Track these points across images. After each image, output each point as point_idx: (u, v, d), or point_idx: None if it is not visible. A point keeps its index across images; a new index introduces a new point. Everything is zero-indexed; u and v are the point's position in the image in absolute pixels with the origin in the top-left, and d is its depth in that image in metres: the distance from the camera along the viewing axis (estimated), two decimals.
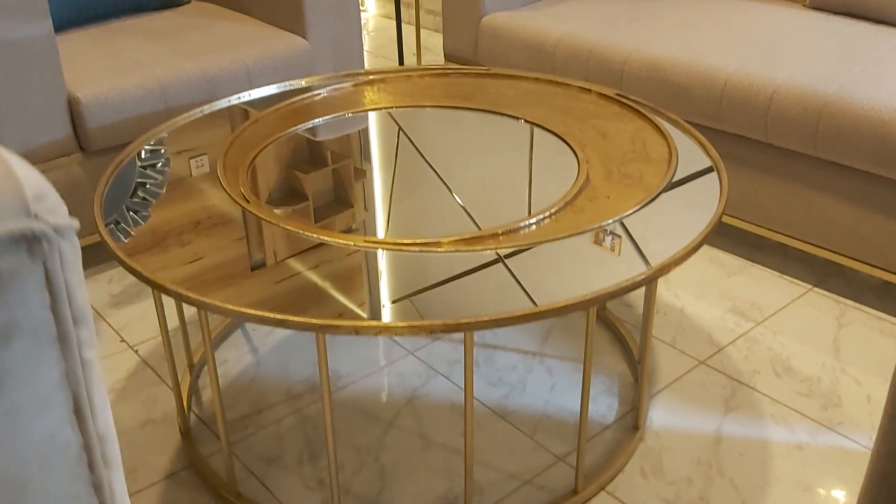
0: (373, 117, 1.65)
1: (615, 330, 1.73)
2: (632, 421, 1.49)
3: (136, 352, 1.72)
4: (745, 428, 1.48)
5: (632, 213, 1.25)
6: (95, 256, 2.04)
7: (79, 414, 0.48)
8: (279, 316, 1.01)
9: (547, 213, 1.26)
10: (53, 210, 0.45)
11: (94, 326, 1.77)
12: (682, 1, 2.20)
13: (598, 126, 1.56)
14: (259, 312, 1.02)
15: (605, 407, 1.53)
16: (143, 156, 1.49)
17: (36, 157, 1.79)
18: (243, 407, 1.56)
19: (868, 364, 1.63)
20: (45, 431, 0.47)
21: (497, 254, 1.17)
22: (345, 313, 1.05)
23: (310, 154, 1.50)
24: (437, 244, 1.19)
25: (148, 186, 1.39)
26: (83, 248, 1.98)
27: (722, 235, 2.06)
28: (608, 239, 1.20)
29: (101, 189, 1.34)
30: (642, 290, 1.85)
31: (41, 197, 0.45)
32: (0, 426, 0.45)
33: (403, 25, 3.76)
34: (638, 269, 1.12)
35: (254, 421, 1.52)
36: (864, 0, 1.97)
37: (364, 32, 3.73)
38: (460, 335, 1.72)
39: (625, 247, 1.19)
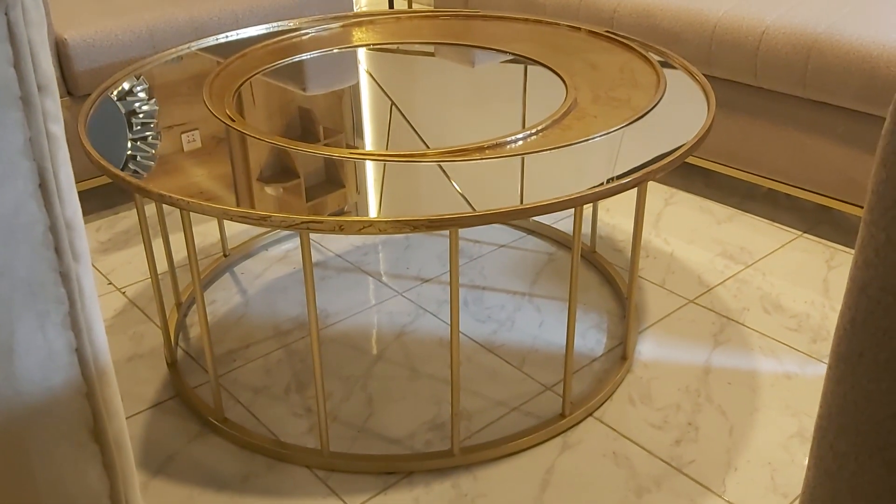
0: (361, 53, 1.64)
1: (605, 272, 1.72)
2: (620, 353, 1.49)
3: (124, 293, 1.71)
4: (734, 360, 1.48)
5: (619, 129, 1.25)
6: (84, 207, 2.03)
7: (44, 190, 0.47)
8: (262, 213, 1.00)
9: (534, 130, 1.25)
10: None
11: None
12: None
13: (587, 59, 1.55)
14: (243, 210, 1.01)
15: (593, 341, 1.53)
16: (130, 88, 1.48)
17: None
18: (231, 342, 1.55)
19: None
20: (9, 203, 0.46)
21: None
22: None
23: (296, 84, 1.49)
24: (424, 155, 1.18)
25: (135, 118, 1.37)
26: None
27: (712, 185, 2.05)
28: (607, 142, 1.19)
29: (86, 110, 1.33)
30: (630, 231, 1.84)
31: None
32: None
33: None
34: (624, 179, 1.11)
35: (241, 355, 1.51)
36: None
37: None
38: (447, 284, 1.71)
39: (612, 160, 1.18)
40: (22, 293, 0.47)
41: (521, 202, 1.06)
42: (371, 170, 1.17)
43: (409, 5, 3.10)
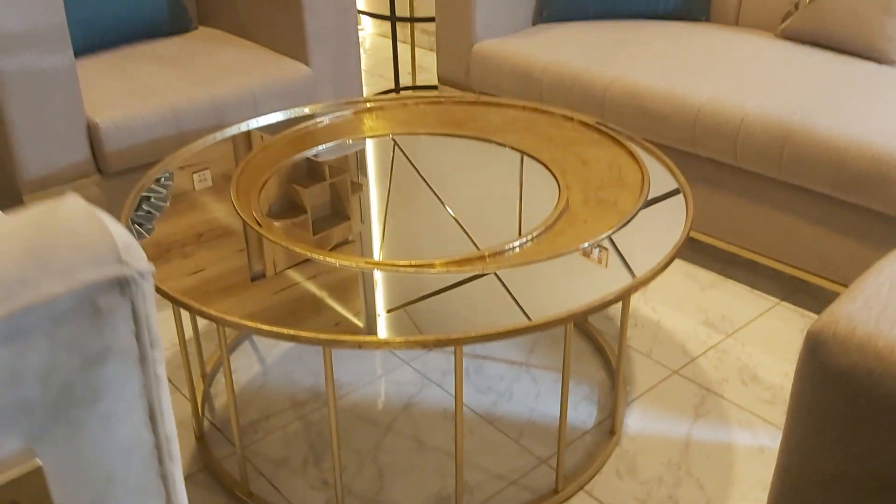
0: (371, 144, 1.78)
1: (596, 341, 1.86)
2: (609, 426, 1.63)
3: None
4: (713, 433, 1.62)
5: (605, 237, 1.39)
6: None
7: (153, 418, 0.61)
8: (291, 331, 1.14)
9: (529, 237, 1.39)
10: (137, 258, 0.59)
11: None
12: (663, 29, 2.34)
13: (578, 153, 1.69)
14: (274, 328, 1.15)
15: (585, 413, 1.67)
16: (162, 181, 1.62)
17: (56, 179, 1.91)
18: (253, 413, 1.69)
19: None
20: (128, 433, 0.60)
21: (496, 275, 1.30)
22: (348, 328, 1.19)
23: (312, 177, 1.64)
24: (431, 265, 1.32)
25: (160, 209, 1.52)
26: None
27: (697, 251, 2.20)
28: (595, 252, 1.33)
29: (126, 212, 1.47)
30: (620, 304, 1.99)
31: (128, 248, 0.58)
32: (96, 429, 0.58)
33: (399, 44, 3.89)
34: (611, 288, 1.26)
35: (262, 426, 1.65)
36: (829, 32, 2.11)
37: (361, 51, 3.87)
38: (451, 353, 1.85)
39: (599, 267, 1.32)
40: (133, 497, 0.61)
41: (521, 308, 1.20)
42: (381, 281, 1.31)
43: (413, 79, 3.25)
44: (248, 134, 1.82)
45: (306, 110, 1.92)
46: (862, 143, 1.71)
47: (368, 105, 1.95)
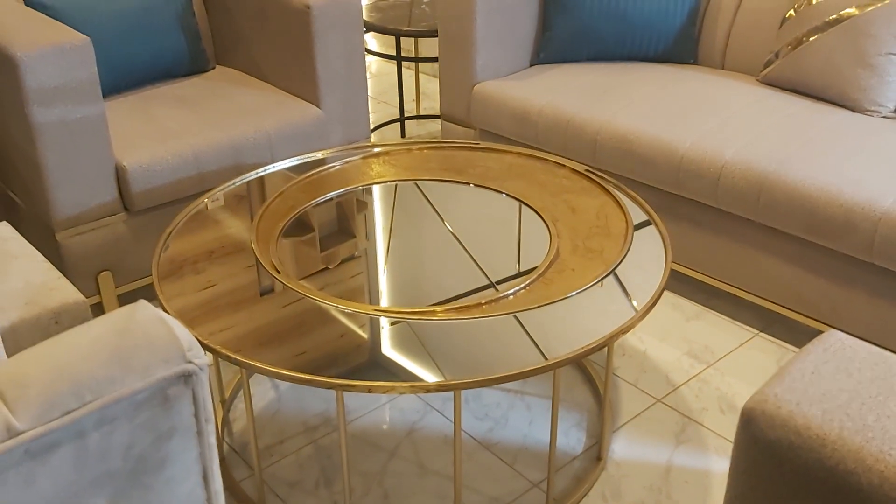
0: (377, 190, 1.93)
1: (586, 371, 2.01)
2: (596, 452, 1.77)
3: None
4: (692, 459, 1.76)
5: (590, 286, 1.54)
6: (134, 298, 2.32)
7: (206, 479, 0.77)
8: (307, 376, 1.29)
9: (522, 286, 1.54)
10: (198, 354, 0.74)
11: None
12: (651, 73, 2.49)
13: (568, 200, 1.84)
14: (290, 373, 1.30)
15: (574, 440, 1.81)
16: (187, 227, 1.77)
17: (86, 218, 2.07)
18: (268, 437, 1.84)
19: None
20: (187, 491, 0.75)
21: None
22: (359, 371, 1.34)
23: (324, 224, 1.79)
24: (433, 313, 1.47)
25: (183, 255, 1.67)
26: (121, 294, 2.25)
27: (682, 282, 2.34)
28: (583, 299, 1.48)
29: (156, 260, 1.62)
30: None
31: (191, 347, 0.73)
32: (162, 490, 0.73)
33: (403, 70, 4.04)
34: (598, 333, 1.40)
35: (278, 450, 1.80)
36: (806, 79, 2.26)
37: (367, 75, 4.01)
38: None
39: (587, 312, 1.47)
40: None
41: (515, 354, 1.35)
42: (387, 327, 1.46)
43: (417, 108, 3.40)
44: (266, 178, 1.97)
45: (319, 155, 2.07)
46: (832, 192, 1.85)
47: (376, 150, 2.10)
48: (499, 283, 1.58)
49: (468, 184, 1.93)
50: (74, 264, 2.09)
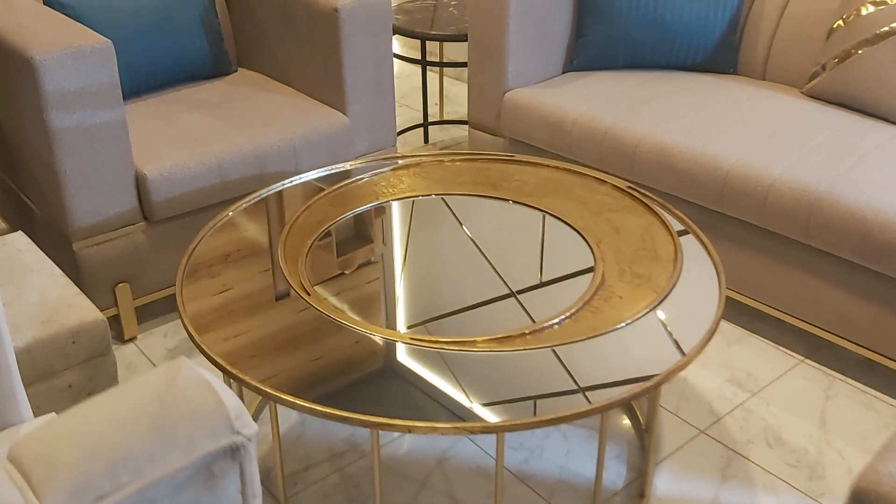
0: (409, 205, 1.84)
1: None
2: (638, 488, 1.68)
3: None
4: (739, 497, 1.67)
5: (640, 317, 1.45)
6: (152, 310, 2.24)
7: None
8: (344, 413, 1.21)
9: (567, 314, 1.45)
10: (246, 424, 0.65)
11: None
12: (691, 82, 2.39)
13: (611, 220, 1.75)
14: (327, 409, 1.22)
15: (614, 473, 1.72)
16: (211, 242, 1.69)
17: (105, 227, 1.99)
18: (292, 464, 1.75)
19: (851, 436, 1.81)
20: None
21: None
22: (395, 406, 1.25)
23: (354, 240, 1.70)
24: (474, 343, 1.38)
25: (210, 274, 1.58)
26: (139, 307, 2.17)
27: (725, 306, 2.24)
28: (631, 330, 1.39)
29: (180, 278, 1.54)
30: None
31: (239, 415, 0.65)
32: None
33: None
34: (645, 369, 1.31)
35: (302, 478, 1.72)
36: (855, 94, 2.16)
37: None
38: None
39: (635, 344, 1.38)
40: None
41: (562, 390, 1.26)
42: (425, 357, 1.37)
43: (441, 113, 3.30)
44: (291, 189, 1.89)
45: (347, 166, 1.98)
46: (888, 215, 1.76)
47: (406, 161, 2.01)
48: (540, 309, 1.49)
49: (506, 200, 1.84)
50: (91, 275, 2.01)
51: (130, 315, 2.10)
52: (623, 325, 1.42)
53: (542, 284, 1.56)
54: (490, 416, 1.24)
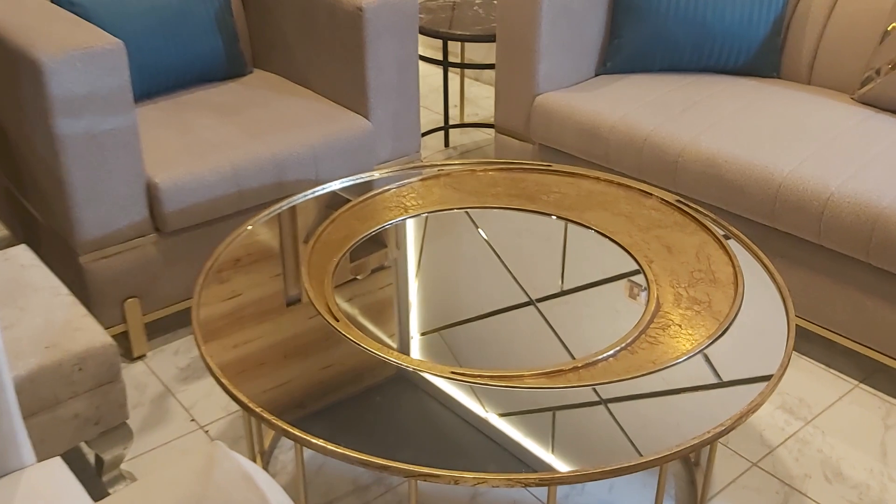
0: (442, 219, 1.71)
1: None
2: None
3: (207, 433, 1.79)
4: None
5: (704, 348, 1.31)
6: (160, 326, 2.11)
7: None
8: (382, 461, 1.08)
9: (623, 345, 1.32)
10: None
11: (165, 405, 1.85)
12: (733, 87, 2.26)
13: (661, 237, 1.62)
14: (363, 456, 1.09)
15: None
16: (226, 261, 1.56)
17: (114, 239, 1.86)
18: (314, 498, 1.63)
19: None
20: None
21: (598, 392, 1.23)
22: (435, 451, 1.12)
23: (384, 260, 1.57)
24: (521, 378, 1.25)
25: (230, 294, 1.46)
26: (149, 323, 2.05)
27: None
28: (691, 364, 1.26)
29: (196, 302, 1.41)
30: None
31: None
32: None
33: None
34: (709, 414, 1.18)
35: None
36: None
37: None
38: None
39: (698, 382, 1.25)
40: None
41: (628, 437, 1.13)
42: (469, 393, 1.25)
43: (461, 112, 3.17)
44: (314, 201, 1.76)
45: (375, 175, 1.85)
46: None
47: (436, 171, 1.88)
48: (591, 338, 1.36)
49: (547, 214, 1.70)
50: (99, 290, 1.88)
51: (140, 332, 1.98)
52: (684, 358, 1.29)
53: (589, 309, 1.43)
54: (542, 463, 1.11)
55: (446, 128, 3.09)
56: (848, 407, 1.85)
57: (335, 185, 1.82)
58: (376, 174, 1.85)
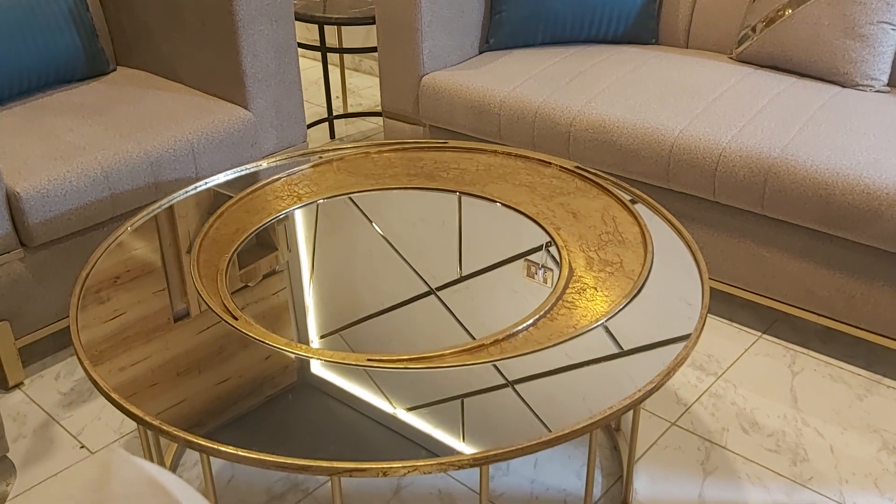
0: (341, 205, 1.62)
1: None
2: (619, 494, 1.53)
3: None
4: (725, 491, 1.54)
5: (622, 308, 1.28)
6: (37, 350, 1.93)
7: None
8: (301, 462, 0.99)
9: (542, 313, 1.27)
10: None
11: (50, 434, 1.68)
12: (615, 55, 2.27)
13: (565, 204, 1.59)
14: (280, 459, 0.99)
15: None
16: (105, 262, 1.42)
17: None
18: None
19: (825, 412, 1.72)
20: None
21: (519, 365, 1.17)
22: (359, 442, 1.04)
23: (280, 252, 1.47)
24: (441, 357, 1.18)
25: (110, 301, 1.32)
26: (23, 347, 1.87)
27: None
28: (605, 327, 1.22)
29: (74, 315, 1.27)
30: None
31: None
32: None
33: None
34: (631, 377, 1.15)
35: None
36: (789, 55, 2.08)
37: None
38: None
39: (614, 346, 1.22)
40: None
41: (539, 418, 1.08)
42: (387, 383, 1.17)
43: (344, 103, 3.07)
44: (195, 197, 1.63)
45: (263, 164, 1.74)
46: (849, 177, 1.67)
47: (327, 157, 1.79)
48: (507, 309, 1.31)
49: (452, 191, 1.64)
50: None
51: (14, 358, 1.79)
52: (602, 321, 1.26)
53: (496, 275, 1.38)
54: (469, 447, 1.04)
55: (331, 118, 2.99)
56: (754, 358, 1.88)
57: (219, 179, 1.70)
58: (263, 164, 1.74)
